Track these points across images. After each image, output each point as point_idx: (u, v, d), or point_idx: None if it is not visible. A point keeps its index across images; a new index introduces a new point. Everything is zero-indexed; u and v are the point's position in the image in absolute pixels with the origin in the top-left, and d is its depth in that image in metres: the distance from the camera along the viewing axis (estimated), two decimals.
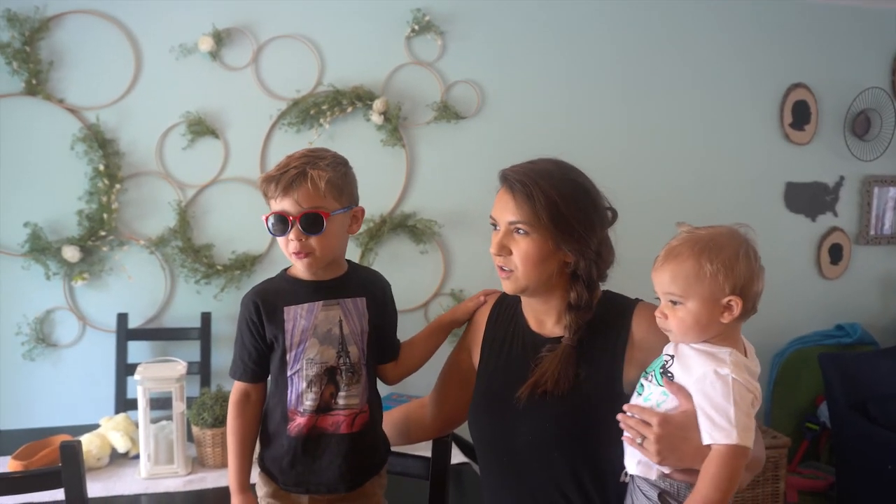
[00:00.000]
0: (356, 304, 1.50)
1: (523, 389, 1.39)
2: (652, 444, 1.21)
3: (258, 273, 2.97)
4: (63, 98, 2.77)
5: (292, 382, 1.45)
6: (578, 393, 1.37)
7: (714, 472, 1.15)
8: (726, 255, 1.18)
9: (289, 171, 1.41)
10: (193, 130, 2.87)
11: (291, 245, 1.42)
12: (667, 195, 3.42)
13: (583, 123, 3.31)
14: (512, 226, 1.39)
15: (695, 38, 3.45)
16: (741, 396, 1.15)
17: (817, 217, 3.75)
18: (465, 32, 3.14)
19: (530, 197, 1.36)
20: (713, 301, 1.19)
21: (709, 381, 1.18)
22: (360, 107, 3.02)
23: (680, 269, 1.20)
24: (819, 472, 3.48)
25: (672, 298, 1.22)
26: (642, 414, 1.24)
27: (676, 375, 1.23)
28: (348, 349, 1.47)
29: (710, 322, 1.20)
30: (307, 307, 1.46)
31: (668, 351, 1.28)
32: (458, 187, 3.14)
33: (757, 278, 1.21)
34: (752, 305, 1.22)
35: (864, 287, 3.86)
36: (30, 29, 2.68)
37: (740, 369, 1.18)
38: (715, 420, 1.15)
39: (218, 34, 2.85)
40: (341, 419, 1.46)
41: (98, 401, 2.79)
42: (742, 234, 1.23)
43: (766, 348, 3.72)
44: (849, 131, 3.70)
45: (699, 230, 1.24)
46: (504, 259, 1.40)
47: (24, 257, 2.74)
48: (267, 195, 1.44)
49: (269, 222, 1.43)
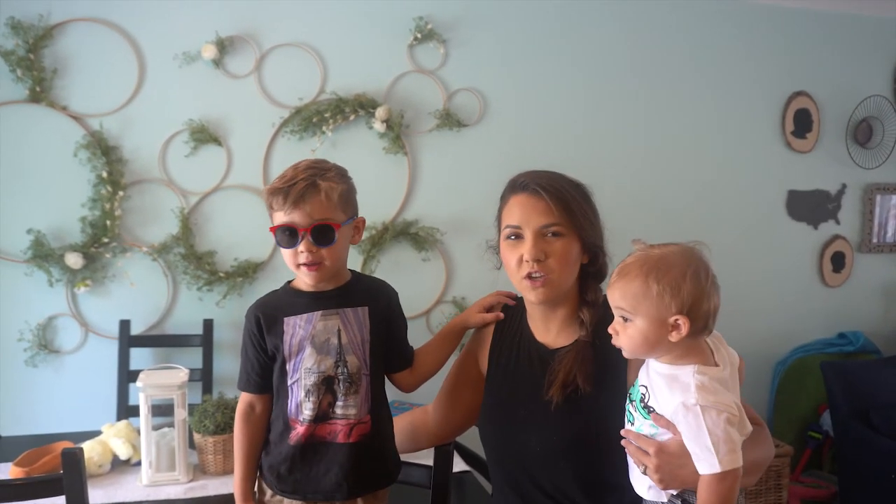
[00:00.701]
0: (357, 314, 1.50)
1: (554, 390, 1.40)
2: (653, 473, 1.24)
3: (260, 280, 2.97)
4: (66, 105, 2.78)
5: (292, 392, 1.46)
6: (583, 401, 1.39)
7: (706, 499, 1.19)
8: (673, 276, 1.20)
9: (297, 182, 1.41)
10: (196, 138, 2.88)
11: (301, 257, 1.42)
12: (669, 203, 3.43)
13: (585, 131, 3.32)
14: (545, 229, 1.40)
15: (697, 46, 3.46)
16: (713, 422, 1.16)
17: (819, 225, 3.75)
18: (468, 40, 3.15)
19: (563, 199, 1.39)
20: (660, 320, 1.20)
21: (681, 416, 1.20)
22: (363, 114, 3.02)
23: (628, 287, 1.22)
24: (822, 482, 3.46)
25: (622, 315, 1.25)
26: (639, 442, 1.27)
27: (657, 408, 1.25)
28: (346, 359, 1.47)
29: (658, 341, 1.22)
30: (306, 317, 1.47)
31: (642, 381, 1.30)
32: (460, 195, 3.14)
33: (706, 298, 1.21)
34: (705, 324, 1.22)
35: (866, 295, 3.85)
36: (34, 36, 2.69)
37: (706, 391, 1.19)
38: (696, 453, 1.18)
39: (221, 42, 2.86)
40: (339, 428, 1.47)
41: (100, 407, 2.79)
42: (695, 253, 1.24)
43: (769, 356, 3.71)
44: (851, 139, 3.71)
45: (653, 248, 1.25)
46: (541, 264, 1.39)
47: (26, 264, 2.75)
48: (273, 207, 1.44)
49: (276, 234, 1.43)
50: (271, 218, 1.47)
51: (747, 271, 3.62)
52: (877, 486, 2.96)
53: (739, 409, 1.22)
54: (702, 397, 1.18)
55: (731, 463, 1.16)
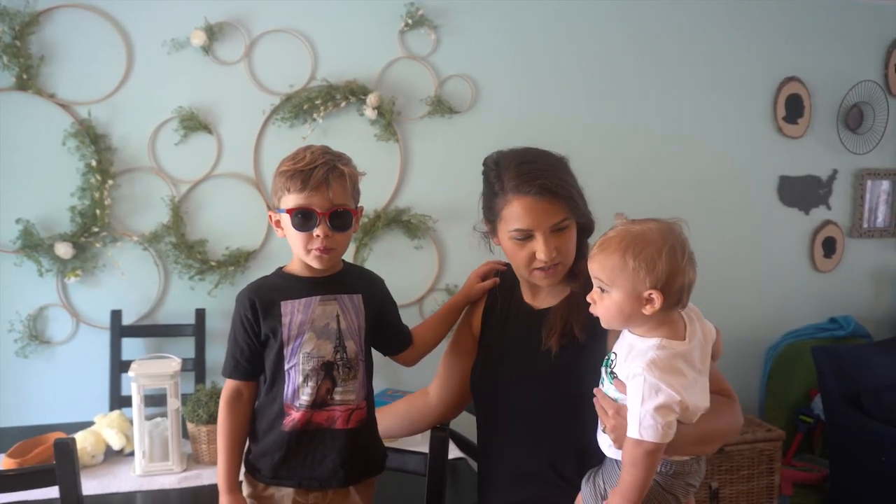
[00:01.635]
0: (353, 301, 1.50)
1: (552, 340, 1.44)
2: (610, 432, 1.31)
3: (252, 269, 2.96)
4: (54, 93, 2.75)
5: (289, 377, 1.45)
6: (570, 359, 1.44)
7: (624, 460, 1.26)
8: (649, 252, 1.24)
9: (318, 166, 1.40)
10: (186, 125, 2.85)
11: (316, 241, 1.42)
12: (660, 188, 3.42)
13: (576, 117, 3.31)
14: (555, 226, 1.43)
15: (687, 31, 3.45)
16: (647, 396, 1.22)
17: (810, 210, 3.76)
18: (459, 27, 3.13)
19: (567, 194, 1.43)
20: (635, 294, 1.26)
21: (629, 380, 1.26)
22: (354, 101, 3.00)
23: (607, 260, 1.27)
24: (813, 465, 3.49)
25: (600, 285, 1.30)
26: (604, 402, 1.33)
27: (619, 374, 1.31)
28: (345, 344, 1.47)
29: (633, 313, 1.27)
30: (304, 301, 1.46)
31: (615, 348, 1.35)
32: (452, 182, 3.13)
33: (681, 273, 1.26)
34: (678, 299, 1.28)
35: (857, 280, 3.87)
36: (20, 23, 2.65)
37: (656, 366, 1.23)
38: (628, 415, 1.25)
39: (210, 28, 2.83)
40: (337, 414, 1.46)
41: (92, 398, 2.77)
42: (675, 230, 1.29)
43: (760, 341, 3.73)
44: (842, 125, 3.71)
45: (634, 224, 1.30)
46: (554, 257, 1.44)
47: (16, 254, 2.72)
48: (288, 189, 1.41)
49: (290, 217, 1.41)
50: (277, 200, 1.45)
51: (739, 257, 3.63)
52: (867, 469, 2.99)
53: (701, 388, 1.29)
54: (648, 370, 1.23)
55: (649, 436, 1.22)
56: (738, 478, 3.12)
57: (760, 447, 3.14)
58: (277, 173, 1.44)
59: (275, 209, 1.47)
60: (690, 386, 1.26)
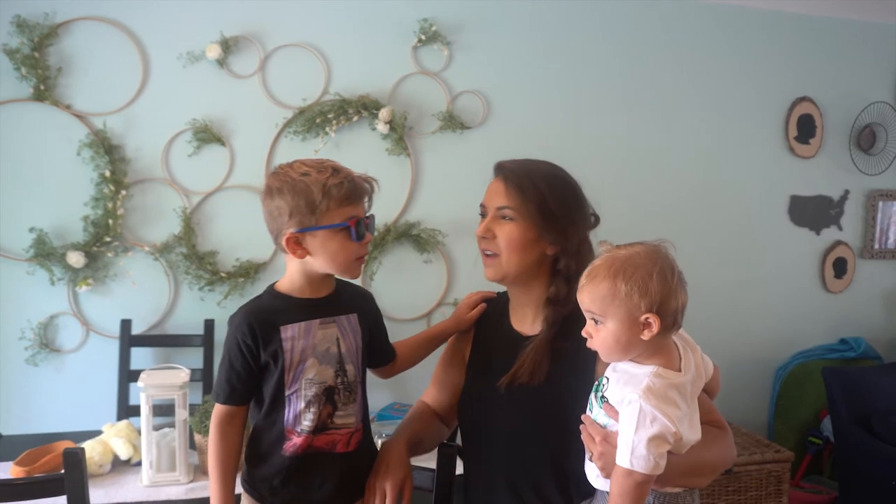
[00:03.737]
0: (350, 321, 1.49)
1: (503, 380, 1.46)
2: (597, 460, 1.27)
3: (262, 281, 2.97)
4: (70, 104, 2.78)
5: (290, 402, 1.42)
6: (553, 387, 1.43)
7: (612, 491, 1.23)
8: (640, 275, 1.21)
9: (353, 176, 1.41)
10: (199, 137, 2.88)
11: (366, 248, 1.45)
12: (671, 207, 3.43)
13: (587, 134, 3.32)
14: (499, 211, 1.47)
15: (701, 50, 3.46)
16: (641, 424, 1.19)
17: (822, 230, 3.75)
18: (472, 43, 3.15)
19: (520, 186, 1.46)
20: (630, 320, 1.22)
21: (623, 406, 1.23)
22: (366, 116, 3.02)
23: (596, 290, 1.24)
24: (822, 487, 3.46)
25: (593, 317, 1.27)
26: (591, 429, 1.30)
27: (610, 398, 1.28)
28: (346, 368, 1.45)
29: (631, 340, 1.24)
30: (304, 325, 1.42)
31: (607, 373, 1.32)
32: (462, 197, 3.13)
33: (674, 295, 1.23)
34: (674, 320, 1.24)
35: (868, 301, 3.85)
36: (39, 35, 2.69)
37: (652, 394, 1.21)
38: (619, 443, 1.22)
39: (225, 42, 2.86)
40: (337, 438, 1.45)
41: (100, 407, 2.79)
42: (661, 251, 1.26)
43: (770, 361, 3.71)
44: (854, 145, 3.70)
45: (619, 250, 1.27)
46: (488, 242, 1.48)
47: (28, 262, 2.74)
48: (342, 202, 1.37)
49: (355, 227, 1.40)
50: (318, 217, 1.36)
51: (749, 276, 3.62)
52: (877, 492, 2.96)
53: (691, 422, 1.26)
54: (645, 397, 1.20)
55: (640, 467, 1.19)
56: (745, 499, 3.09)
57: (769, 468, 3.11)
58: (317, 189, 1.35)
59: (303, 229, 1.38)
60: (683, 418, 1.23)
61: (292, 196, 1.37)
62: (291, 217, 1.37)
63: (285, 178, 1.39)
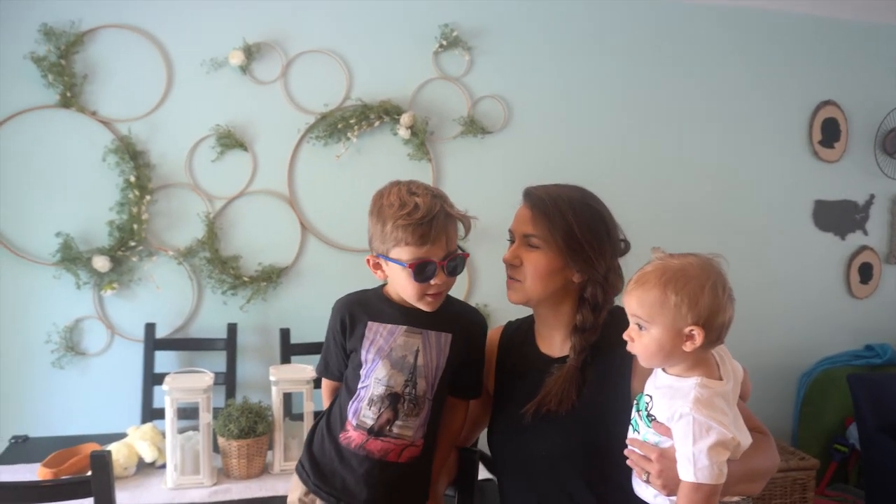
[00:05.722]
0: (439, 339, 1.48)
1: (529, 407, 1.45)
2: (656, 479, 1.26)
3: (284, 285, 2.99)
4: (96, 110, 2.81)
5: (358, 395, 1.46)
6: (586, 409, 1.41)
7: None
8: (692, 287, 1.21)
9: (435, 216, 1.37)
10: (222, 143, 2.90)
11: (432, 289, 1.41)
12: (694, 211, 3.40)
13: (609, 139, 3.30)
14: (526, 238, 1.47)
15: (725, 54, 3.44)
16: (699, 435, 1.19)
17: (847, 235, 3.70)
18: (493, 48, 3.15)
19: (547, 215, 1.45)
20: (675, 330, 1.22)
21: (675, 422, 1.23)
22: (388, 121, 3.03)
23: (646, 296, 1.23)
24: (848, 496, 3.41)
25: (638, 322, 1.26)
26: (643, 449, 1.29)
27: (658, 416, 1.27)
28: (417, 380, 1.45)
29: (673, 350, 1.23)
30: (389, 328, 1.46)
31: (647, 390, 1.32)
32: (483, 202, 3.08)
33: (722, 310, 1.22)
34: (718, 336, 1.24)
35: (894, 307, 3.79)
36: (65, 43, 2.73)
37: (702, 404, 1.21)
38: (679, 458, 1.22)
39: (248, 48, 2.89)
40: (391, 447, 1.46)
41: (125, 410, 2.81)
42: (714, 265, 1.25)
43: (794, 368, 3.67)
44: (879, 149, 3.66)
45: (672, 258, 1.26)
46: (515, 269, 1.49)
47: (55, 266, 2.78)
48: (406, 242, 1.37)
49: (414, 270, 1.38)
50: (386, 249, 1.40)
51: (773, 281, 3.58)
52: None
53: (738, 426, 1.25)
54: (696, 409, 1.20)
55: (706, 478, 1.18)
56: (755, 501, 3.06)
57: (794, 476, 3.07)
58: (390, 223, 1.37)
59: (378, 254, 1.43)
60: (733, 424, 1.23)
61: (374, 221, 1.43)
62: (373, 239, 1.44)
63: (377, 201, 1.44)
